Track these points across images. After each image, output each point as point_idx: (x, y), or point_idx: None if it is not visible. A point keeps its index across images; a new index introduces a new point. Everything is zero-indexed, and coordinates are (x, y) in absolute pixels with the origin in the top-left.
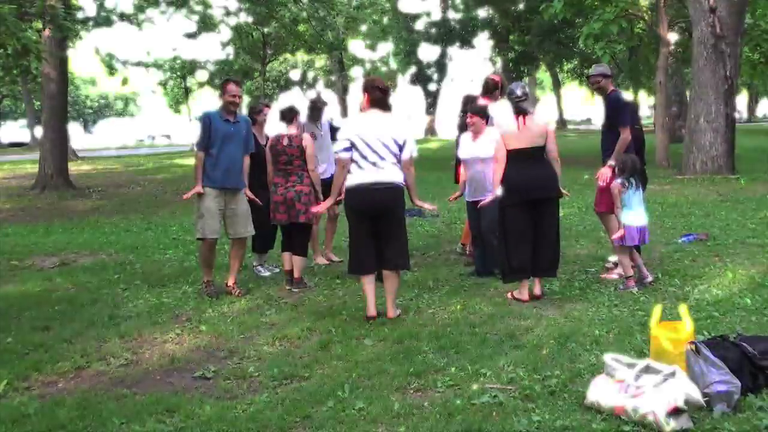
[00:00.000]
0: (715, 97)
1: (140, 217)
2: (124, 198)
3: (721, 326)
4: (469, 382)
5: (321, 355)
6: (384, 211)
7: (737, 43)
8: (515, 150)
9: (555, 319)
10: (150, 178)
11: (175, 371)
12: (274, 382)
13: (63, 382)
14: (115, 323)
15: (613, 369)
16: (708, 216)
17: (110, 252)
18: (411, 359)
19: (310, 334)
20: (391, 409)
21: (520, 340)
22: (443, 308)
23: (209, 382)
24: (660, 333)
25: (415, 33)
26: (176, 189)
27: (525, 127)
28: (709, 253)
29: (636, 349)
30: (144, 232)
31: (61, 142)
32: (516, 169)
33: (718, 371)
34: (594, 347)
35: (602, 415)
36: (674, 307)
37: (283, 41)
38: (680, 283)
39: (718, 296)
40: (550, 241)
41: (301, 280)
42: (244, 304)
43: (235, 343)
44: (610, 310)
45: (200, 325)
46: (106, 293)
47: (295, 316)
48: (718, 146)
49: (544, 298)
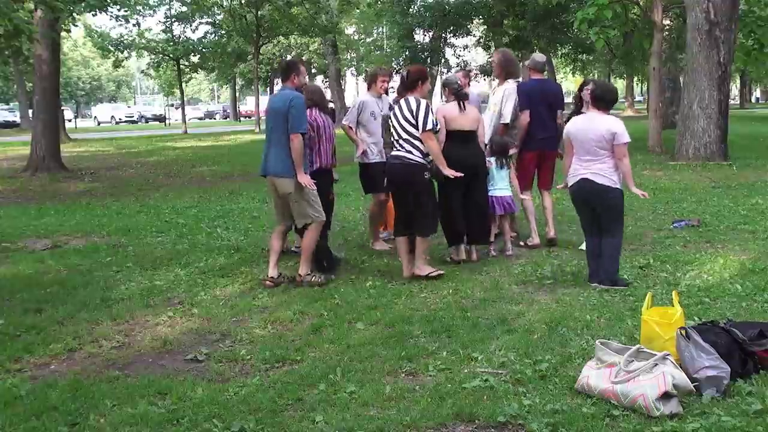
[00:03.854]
0: (709, 83)
1: (132, 199)
2: (117, 180)
3: (712, 312)
4: (460, 366)
5: (313, 339)
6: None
7: (731, 29)
8: (456, 131)
9: (546, 304)
10: (143, 161)
11: (167, 354)
12: (265, 365)
13: (55, 364)
14: (107, 306)
15: (604, 354)
16: (700, 202)
17: (102, 234)
18: (403, 343)
19: (302, 317)
20: (382, 392)
21: (511, 325)
22: (435, 292)
23: (201, 364)
24: (650, 318)
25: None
26: (169, 172)
27: (465, 111)
28: (700, 239)
29: (626, 334)
30: (136, 215)
31: (53, 123)
32: (456, 148)
33: (707, 356)
34: (585, 332)
35: (592, 400)
36: (665, 293)
37: (277, 24)
38: (671, 268)
39: (709, 282)
40: (483, 211)
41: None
42: (237, 287)
43: (227, 326)
44: (601, 295)
45: (192, 308)
46: (98, 276)
47: (287, 299)
48: (711, 132)
49: (534, 282)
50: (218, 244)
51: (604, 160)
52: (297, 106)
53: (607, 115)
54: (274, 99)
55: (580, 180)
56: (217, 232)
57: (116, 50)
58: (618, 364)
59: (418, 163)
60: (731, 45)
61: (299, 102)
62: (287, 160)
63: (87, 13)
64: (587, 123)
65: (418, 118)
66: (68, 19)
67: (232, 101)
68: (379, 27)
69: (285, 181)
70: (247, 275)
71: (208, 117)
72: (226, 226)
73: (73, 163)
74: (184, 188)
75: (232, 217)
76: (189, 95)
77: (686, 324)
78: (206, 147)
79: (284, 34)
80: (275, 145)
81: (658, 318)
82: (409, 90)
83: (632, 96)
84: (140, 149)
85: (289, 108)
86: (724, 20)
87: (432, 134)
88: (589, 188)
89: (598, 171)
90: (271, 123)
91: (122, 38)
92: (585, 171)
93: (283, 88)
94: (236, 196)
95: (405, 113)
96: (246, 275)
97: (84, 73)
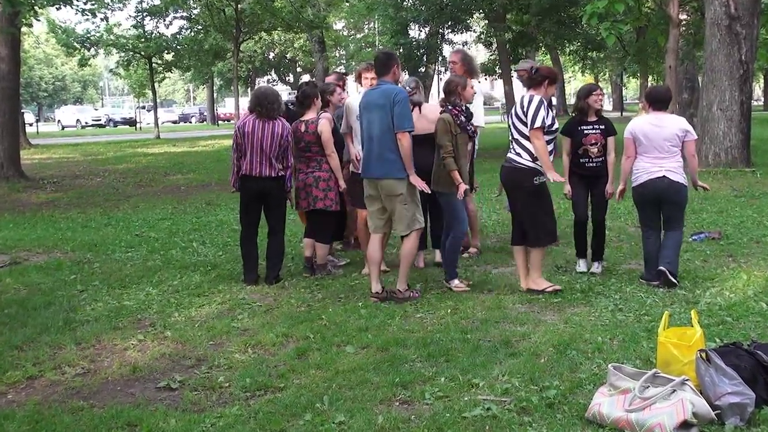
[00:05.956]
0: (729, 83)
1: (99, 211)
2: (82, 190)
3: (734, 332)
4: (459, 394)
5: (298, 364)
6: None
7: (753, 25)
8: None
9: (554, 325)
10: (111, 169)
11: (137, 381)
12: (246, 394)
13: (13, 394)
14: (71, 328)
15: (617, 379)
16: (721, 213)
17: (66, 250)
18: (397, 368)
19: (286, 340)
20: (374, 423)
21: (515, 348)
22: (432, 312)
23: (175, 393)
24: (668, 340)
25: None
26: (139, 180)
27: (420, 115)
28: (721, 253)
29: (642, 357)
30: (104, 228)
31: (12, 127)
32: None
33: (730, 381)
34: (596, 355)
35: (605, 429)
36: (684, 312)
37: (259, 18)
38: (690, 285)
39: (732, 300)
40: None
41: (325, 266)
42: (214, 307)
43: (204, 351)
44: (614, 314)
45: (165, 331)
46: (61, 295)
47: (269, 320)
48: (733, 136)
49: (540, 299)
50: (194, 260)
51: (676, 158)
52: (402, 102)
53: (672, 114)
54: (373, 94)
55: (656, 178)
56: (192, 247)
57: (82, 47)
58: (632, 390)
59: (526, 167)
60: (753, 41)
61: (404, 97)
62: (395, 160)
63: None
64: (658, 123)
65: (528, 114)
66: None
67: (209, 103)
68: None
69: (393, 182)
70: (225, 294)
71: (183, 120)
72: (203, 240)
73: (35, 171)
74: (157, 198)
75: (210, 231)
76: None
77: (707, 346)
78: (181, 153)
79: (267, 29)
80: (379, 144)
81: (676, 339)
82: (533, 87)
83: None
84: (108, 156)
85: (394, 104)
86: (745, 14)
87: (540, 133)
88: (666, 185)
89: (672, 168)
90: (373, 121)
91: (89, 34)
92: (659, 169)
93: (381, 82)
94: (214, 207)
95: (518, 111)
96: (224, 294)
97: (47, 73)
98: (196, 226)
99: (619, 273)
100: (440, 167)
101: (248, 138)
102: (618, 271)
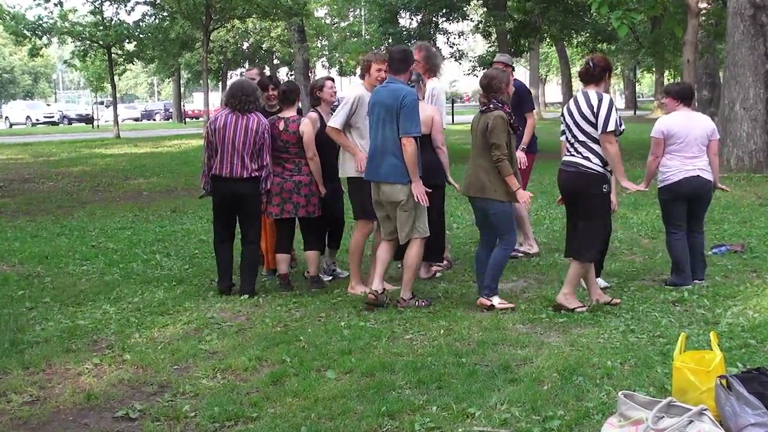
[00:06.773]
0: (754, 80)
1: (51, 219)
2: (32, 195)
3: (759, 357)
4: (453, 424)
5: (272, 391)
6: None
7: None
8: None
9: (559, 348)
10: (65, 171)
11: (92, 410)
12: (214, 424)
13: None
14: (18, 350)
15: (628, 408)
16: (744, 223)
17: (13, 262)
18: (383, 396)
19: (260, 364)
20: None
21: (515, 373)
22: (423, 333)
23: (134, 423)
24: (684, 365)
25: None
26: (97, 185)
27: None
28: (745, 268)
29: (655, 384)
30: (56, 238)
31: None
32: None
33: (753, 411)
34: (605, 382)
35: None
36: (702, 333)
37: (231, 5)
38: (710, 304)
39: (756, 320)
40: (434, 230)
41: (317, 277)
42: (179, 327)
43: (167, 376)
44: (625, 336)
45: (124, 354)
46: (7, 313)
47: (241, 342)
48: (758, 138)
49: (544, 321)
50: (157, 274)
51: (704, 157)
52: (410, 105)
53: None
54: (382, 92)
55: (691, 177)
56: (155, 260)
57: (33, 35)
58: (645, 420)
59: (595, 172)
60: None
61: (412, 99)
62: (400, 165)
63: None
64: (689, 121)
65: (599, 117)
66: None
67: (175, 98)
68: (355, 9)
69: (397, 188)
70: (192, 312)
71: (147, 117)
72: (167, 252)
73: None
74: (116, 205)
75: (175, 241)
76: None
77: (727, 372)
78: (143, 154)
79: (240, 16)
80: (384, 147)
81: (693, 364)
82: (593, 83)
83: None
84: (62, 157)
85: (401, 106)
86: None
87: (613, 137)
88: (701, 184)
89: (704, 167)
90: (381, 121)
91: (41, 21)
92: (693, 168)
93: (392, 80)
94: (180, 215)
95: (583, 110)
96: (191, 312)
97: None
98: (159, 236)
99: (632, 290)
100: (482, 171)
101: (219, 134)
102: (630, 287)
